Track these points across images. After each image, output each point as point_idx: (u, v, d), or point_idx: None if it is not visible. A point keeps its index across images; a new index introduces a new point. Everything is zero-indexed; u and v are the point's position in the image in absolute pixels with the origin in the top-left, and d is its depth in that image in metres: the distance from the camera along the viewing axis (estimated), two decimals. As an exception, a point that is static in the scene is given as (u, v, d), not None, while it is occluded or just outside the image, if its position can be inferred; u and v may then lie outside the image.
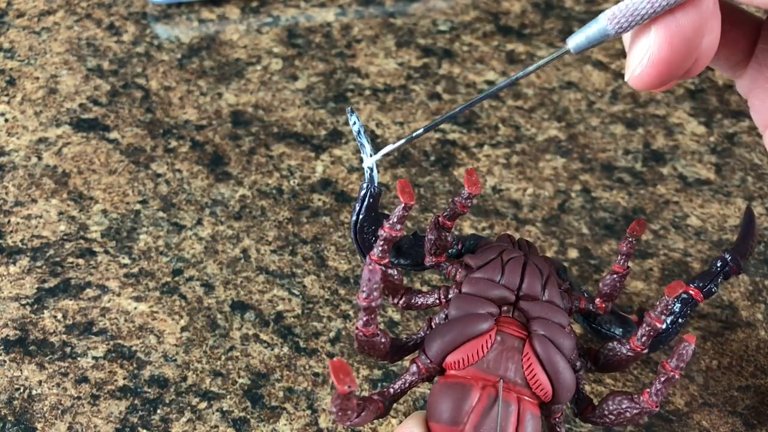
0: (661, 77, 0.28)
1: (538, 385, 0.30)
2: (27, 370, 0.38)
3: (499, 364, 0.30)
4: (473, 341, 0.30)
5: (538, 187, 0.46)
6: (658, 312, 0.30)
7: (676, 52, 0.27)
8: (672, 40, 0.27)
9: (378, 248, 0.31)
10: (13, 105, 0.49)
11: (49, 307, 0.40)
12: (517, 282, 0.32)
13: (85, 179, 0.46)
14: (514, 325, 0.31)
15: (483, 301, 0.31)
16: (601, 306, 0.34)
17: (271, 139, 0.48)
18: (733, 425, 0.37)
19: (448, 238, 0.33)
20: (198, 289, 0.41)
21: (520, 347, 0.30)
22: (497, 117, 0.50)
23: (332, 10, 0.56)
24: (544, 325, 0.31)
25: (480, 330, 0.30)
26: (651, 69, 0.28)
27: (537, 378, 0.30)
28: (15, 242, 0.43)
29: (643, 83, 0.28)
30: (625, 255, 0.32)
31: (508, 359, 0.30)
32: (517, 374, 0.30)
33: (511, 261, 0.32)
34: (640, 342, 0.31)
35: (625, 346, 0.32)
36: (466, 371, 0.30)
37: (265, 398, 0.37)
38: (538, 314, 0.31)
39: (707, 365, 0.39)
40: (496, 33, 0.55)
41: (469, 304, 0.31)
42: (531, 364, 0.30)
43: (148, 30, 0.54)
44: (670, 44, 0.27)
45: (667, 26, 0.27)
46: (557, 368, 0.30)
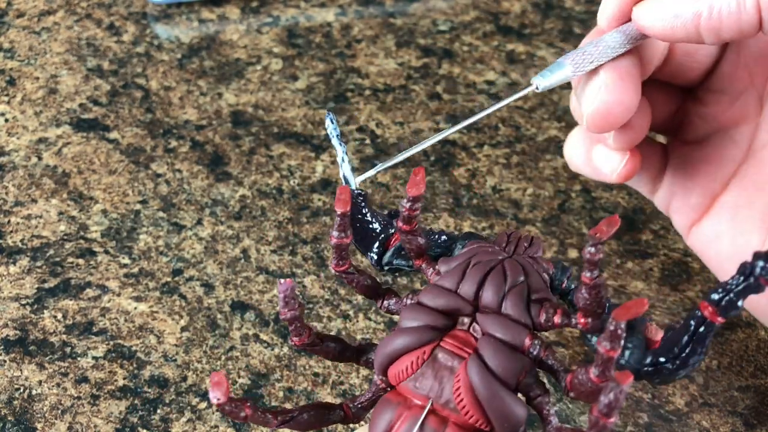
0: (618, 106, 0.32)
1: (467, 412, 0.27)
2: (27, 370, 0.38)
3: (430, 383, 0.27)
4: (407, 356, 0.28)
5: (538, 187, 0.46)
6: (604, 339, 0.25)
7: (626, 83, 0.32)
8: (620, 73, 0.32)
9: (332, 257, 0.29)
10: (13, 105, 0.49)
11: (49, 307, 0.40)
12: (474, 291, 0.28)
13: (85, 179, 0.46)
14: (460, 341, 0.28)
15: (431, 312, 0.28)
16: (581, 322, 0.28)
17: (271, 139, 0.48)
18: (734, 425, 0.37)
19: (419, 240, 0.30)
20: (198, 289, 0.41)
21: (456, 367, 0.27)
22: (497, 117, 0.50)
23: (332, 10, 0.56)
24: (487, 345, 0.27)
25: (415, 343, 0.28)
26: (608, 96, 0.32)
27: (465, 404, 0.27)
28: (15, 242, 0.43)
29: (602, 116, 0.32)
30: (589, 263, 0.26)
31: (439, 379, 0.27)
32: (447, 397, 0.27)
33: (474, 267, 0.29)
34: (596, 374, 0.26)
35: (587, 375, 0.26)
36: (401, 387, 0.28)
37: (265, 398, 0.37)
38: (489, 330, 0.28)
39: (707, 365, 0.39)
40: (496, 33, 0.55)
41: (415, 315, 0.28)
42: (459, 388, 0.27)
43: (148, 30, 0.54)
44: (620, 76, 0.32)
45: (614, 67, 0.32)
46: (491, 396, 0.26)
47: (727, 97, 0.36)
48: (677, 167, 0.37)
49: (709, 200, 0.36)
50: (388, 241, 0.33)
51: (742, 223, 0.35)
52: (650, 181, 0.38)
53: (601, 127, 0.33)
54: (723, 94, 0.36)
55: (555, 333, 0.40)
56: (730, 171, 0.36)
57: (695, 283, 0.42)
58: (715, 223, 0.36)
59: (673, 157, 0.37)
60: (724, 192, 0.36)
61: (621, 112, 0.33)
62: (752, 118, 0.36)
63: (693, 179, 0.37)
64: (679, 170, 0.37)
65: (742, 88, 0.36)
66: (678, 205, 0.37)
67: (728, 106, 0.36)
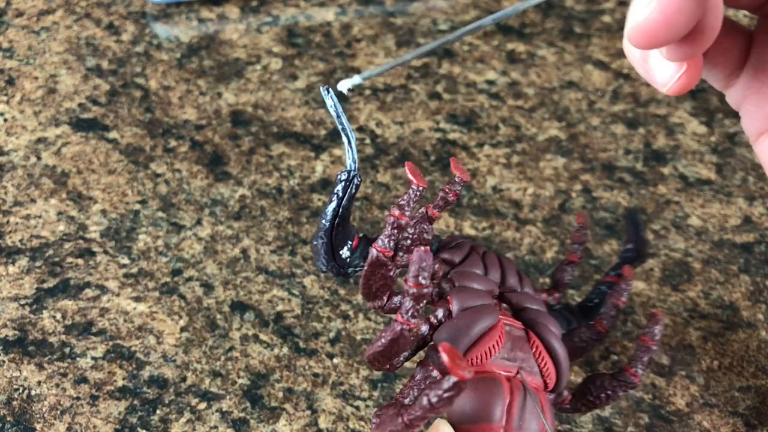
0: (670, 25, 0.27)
1: (548, 373, 0.30)
2: (26, 371, 0.38)
3: (515, 354, 0.29)
4: (488, 334, 0.29)
5: (539, 186, 0.46)
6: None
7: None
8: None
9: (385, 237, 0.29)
10: (12, 105, 0.49)
11: (48, 307, 0.40)
12: (498, 275, 0.32)
13: (84, 179, 0.46)
14: (508, 317, 0.31)
15: (483, 294, 0.31)
16: (555, 297, 0.35)
17: (270, 139, 0.48)
18: (734, 425, 0.37)
19: (429, 234, 0.31)
20: (197, 290, 0.41)
21: (525, 336, 0.30)
22: (498, 117, 0.50)
23: (332, 10, 0.56)
24: (536, 314, 0.31)
25: (491, 322, 0.29)
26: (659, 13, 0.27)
27: (547, 365, 0.30)
28: (14, 242, 0.43)
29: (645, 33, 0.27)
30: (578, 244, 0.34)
31: (520, 349, 0.30)
32: (530, 363, 0.30)
33: (486, 255, 0.32)
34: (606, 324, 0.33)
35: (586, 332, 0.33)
36: (488, 365, 0.29)
37: (264, 399, 0.37)
38: (526, 304, 0.31)
39: (708, 366, 0.39)
40: (497, 32, 0.55)
41: (473, 297, 0.30)
42: (541, 352, 0.30)
43: (147, 29, 0.54)
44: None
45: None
46: (559, 354, 0.30)
47: None
48: (758, 66, 0.32)
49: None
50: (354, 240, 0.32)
51: None
52: (725, 75, 0.33)
53: (642, 46, 0.28)
54: None
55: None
56: None
57: (696, 283, 0.42)
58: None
59: (755, 53, 0.32)
60: None
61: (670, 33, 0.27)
62: None
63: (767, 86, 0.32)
64: (759, 70, 0.32)
65: None
66: (749, 109, 0.33)
67: None
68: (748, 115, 0.33)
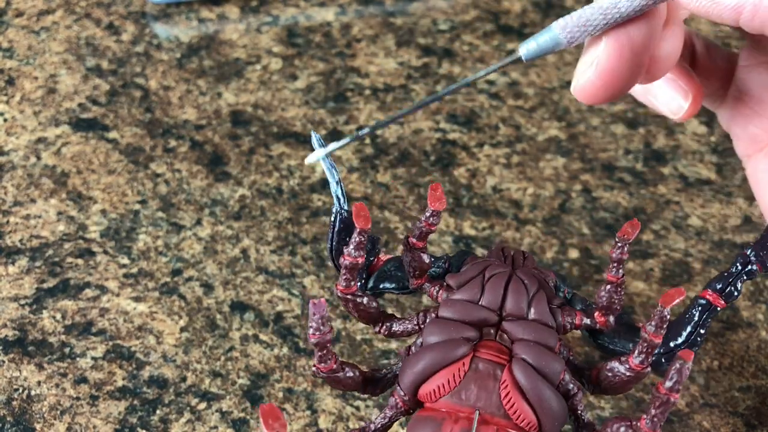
0: (607, 88, 0.29)
1: (519, 416, 0.27)
2: (26, 371, 0.38)
3: (474, 393, 0.27)
4: (445, 370, 0.28)
5: (539, 187, 0.46)
6: (653, 326, 0.27)
7: (625, 61, 0.28)
8: (622, 50, 0.28)
9: (342, 278, 0.29)
10: (12, 105, 0.49)
11: (48, 307, 0.40)
12: (499, 301, 0.29)
13: (84, 179, 0.46)
14: (495, 350, 0.28)
15: (459, 326, 0.29)
16: (600, 320, 0.30)
17: (270, 139, 0.48)
18: (734, 426, 0.37)
19: (424, 258, 0.30)
20: (197, 290, 0.41)
21: (499, 374, 0.28)
22: (497, 117, 0.50)
23: (332, 10, 0.56)
24: (526, 348, 0.28)
25: (452, 357, 0.28)
26: (597, 78, 0.28)
27: (516, 408, 0.27)
28: (14, 242, 0.43)
29: (586, 93, 0.29)
30: (616, 262, 0.29)
31: (485, 388, 0.27)
32: (495, 404, 0.27)
33: (492, 278, 0.30)
34: (639, 360, 0.28)
35: (624, 365, 0.28)
36: (440, 403, 0.28)
37: (264, 399, 0.37)
38: (521, 336, 0.29)
39: (708, 366, 0.39)
40: (497, 32, 0.55)
41: (443, 330, 0.28)
42: (509, 393, 0.27)
43: (147, 29, 0.54)
44: (620, 54, 0.28)
45: (618, 37, 0.28)
46: (541, 396, 0.27)
47: None
48: (742, 88, 0.33)
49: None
50: (372, 266, 0.32)
51: None
52: (713, 95, 0.34)
53: (588, 102, 0.30)
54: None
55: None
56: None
57: (696, 283, 0.42)
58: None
59: (739, 76, 0.33)
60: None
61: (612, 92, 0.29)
62: None
63: (755, 107, 0.33)
64: (743, 92, 0.33)
65: None
66: (737, 131, 0.34)
67: None
68: (737, 137, 0.34)
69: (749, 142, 0.33)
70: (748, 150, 0.34)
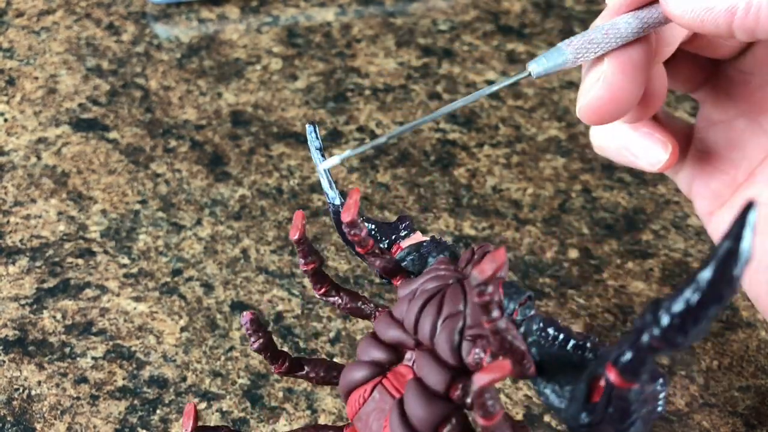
0: (614, 103, 0.30)
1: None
2: (26, 371, 0.38)
3: (368, 424, 0.25)
4: (354, 392, 0.26)
5: (539, 187, 0.46)
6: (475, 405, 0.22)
7: (629, 76, 0.30)
8: (624, 66, 0.30)
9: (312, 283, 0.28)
10: (13, 105, 0.49)
11: (49, 307, 0.40)
12: (413, 323, 0.25)
13: (84, 179, 0.46)
14: (399, 380, 0.26)
15: (378, 346, 0.26)
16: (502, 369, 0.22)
17: (270, 139, 0.48)
18: (734, 425, 0.37)
19: (380, 262, 0.27)
20: (197, 290, 0.41)
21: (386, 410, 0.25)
22: (497, 117, 0.50)
23: (332, 10, 0.56)
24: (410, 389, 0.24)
25: (354, 380, 0.26)
26: (605, 92, 0.30)
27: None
28: (14, 242, 0.43)
29: (593, 110, 0.30)
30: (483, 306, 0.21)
31: (377, 420, 0.25)
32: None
33: (418, 295, 0.26)
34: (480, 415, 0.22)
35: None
36: (354, 424, 0.26)
37: (264, 399, 0.37)
38: (418, 370, 0.25)
39: (708, 365, 0.39)
40: (497, 33, 0.55)
41: (362, 348, 0.27)
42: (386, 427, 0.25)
43: (147, 30, 0.54)
44: (623, 68, 0.30)
45: (620, 55, 0.30)
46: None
47: (758, 79, 0.33)
48: (701, 148, 0.34)
49: (731, 189, 0.34)
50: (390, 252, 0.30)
51: (763, 222, 0.33)
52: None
53: (593, 121, 0.31)
54: (754, 76, 0.33)
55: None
56: (756, 161, 0.33)
57: (696, 283, 0.42)
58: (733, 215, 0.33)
59: (698, 137, 0.35)
60: (747, 183, 0.34)
61: (617, 109, 0.30)
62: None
63: (715, 164, 0.34)
64: (702, 152, 0.34)
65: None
66: (698, 190, 0.35)
67: (758, 89, 0.33)
68: (699, 197, 0.35)
69: (711, 200, 0.35)
70: (711, 207, 0.35)
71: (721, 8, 0.28)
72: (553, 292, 0.42)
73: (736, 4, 0.28)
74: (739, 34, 0.29)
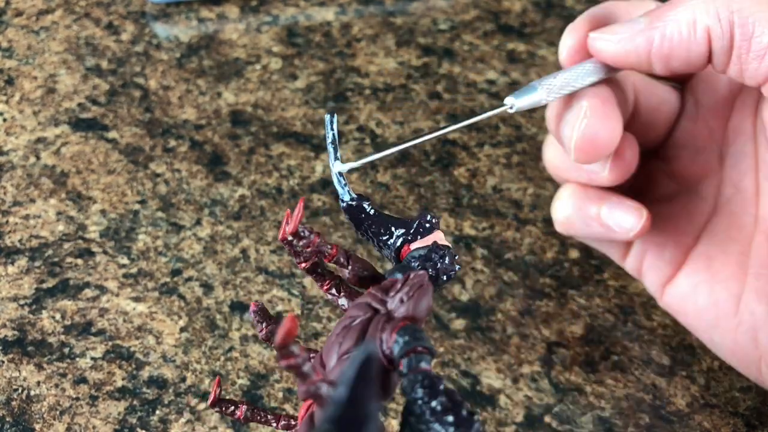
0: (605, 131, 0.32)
1: None
2: (25, 371, 0.38)
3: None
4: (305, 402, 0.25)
5: (539, 186, 0.46)
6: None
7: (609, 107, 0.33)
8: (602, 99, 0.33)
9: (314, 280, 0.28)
10: (12, 104, 0.49)
11: (48, 307, 0.40)
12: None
13: (83, 179, 0.46)
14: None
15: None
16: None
17: (270, 139, 0.48)
18: (735, 426, 0.37)
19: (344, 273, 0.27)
20: (197, 290, 0.41)
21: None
22: (497, 116, 0.50)
23: (332, 9, 0.56)
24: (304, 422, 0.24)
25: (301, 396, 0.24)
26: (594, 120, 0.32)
27: None
28: (13, 242, 0.43)
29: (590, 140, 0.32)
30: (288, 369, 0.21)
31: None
32: None
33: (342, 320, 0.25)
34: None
35: None
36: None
37: (264, 399, 0.37)
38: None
39: (709, 366, 0.39)
40: (497, 32, 0.55)
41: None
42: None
43: (146, 29, 0.54)
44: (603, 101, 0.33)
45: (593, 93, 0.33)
46: None
47: (689, 152, 0.37)
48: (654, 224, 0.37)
49: (683, 254, 0.36)
50: (399, 253, 0.29)
51: (718, 271, 0.35)
52: (622, 243, 0.38)
53: (589, 154, 0.33)
54: (685, 150, 0.37)
55: (555, 333, 0.40)
56: (700, 224, 0.36)
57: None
58: (691, 274, 0.36)
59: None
60: (696, 245, 0.36)
61: (607, 138, 0.33)
62: (715, 172, 0.36)
63: (664, 236, 0.37)
64: (650, 230, 0.36)
65: (702, 143, 0.36)
66: (651, 264, 0.37)
67: (691, 162, 0.37)
68: (651, 270, 0.37)
69: (666, 268, 0.37)
70: (666, 276, 0.37)
71: (641, 40, 0.32)
72: (554, 293, 0.41)
73: (653, 36, 0.32)
74: (657, 64, 0.32)
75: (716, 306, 0.35)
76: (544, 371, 0.39)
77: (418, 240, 0.28)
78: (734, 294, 0.35)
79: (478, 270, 0.42)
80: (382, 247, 0.29)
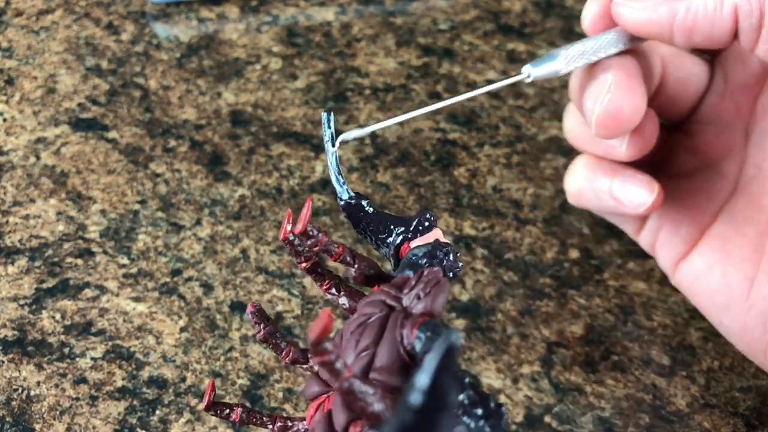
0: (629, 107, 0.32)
1: None
2: (25, 371, 0.38)
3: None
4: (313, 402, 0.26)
5: (539, 187, 0.46)
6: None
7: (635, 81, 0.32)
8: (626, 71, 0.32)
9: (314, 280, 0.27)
10: (12, 104, 0.49)
11: (48, 307, 0.40)
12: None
13: (83, 179, 0.46)
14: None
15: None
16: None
17: (270, 139, 0.48)
18: (735, 426, 0.37)
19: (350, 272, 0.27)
20: (197, 290, 0.41)
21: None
22: (498, 116, 0.50)
23: (332, 9, 0.56)
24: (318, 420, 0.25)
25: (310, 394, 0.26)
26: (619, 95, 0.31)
27: None
28: (13, 242, 0.43)
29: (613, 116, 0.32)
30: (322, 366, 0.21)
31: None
32: None
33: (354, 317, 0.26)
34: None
35: None
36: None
37: (264, 399, 0.37)
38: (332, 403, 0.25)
39: (709, 366, 0.39)
40: (497, 32, 0.55)
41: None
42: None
43: (146, 29, 0.54)
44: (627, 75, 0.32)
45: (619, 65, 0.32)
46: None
47: (714, 129, 0.36)
48: (665, 202, 0.36)
49: (699, 232, 0.36)
50: (399, 251, 0.29)
51: (732, 253, 0.35)
52: (636, 217, 0.38)
53: (611, 129, 0.32)
54: (710, 126, 0.36)
55: (555, 333, 0.40)
56: (719, 203, 0.36)
57: (696, 283, 0.42)
58: (705, 254, 0.35)
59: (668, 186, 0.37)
60: (713, 223, 0.36)
61: (631, 114, 0.32)
62: (738, 151, 0.35)
63: (681, 212, 0.36)
64: (666, 205, 0.36)
65: (728, 119, 0.35)
66: (665, 240, 0.37)
67: (715, 138, 0.36)
68: (664, 247, 0.37)
69: (681, 245, 0.36)
70: (680, 253, 0.36)
71: (665, 10, 0.31)
72: (554, 293, 0.41)
73: (677, 7, 0.31)
74: (678, 37, 0.31)
75: (728, 288, 0.34)
76: (544, 371, 0.39)
77: (417, 238, 0.28)
78: (748, 277, 0.34)
79: (478, 270, 0.42)
80: (380, 245, 0.29)
